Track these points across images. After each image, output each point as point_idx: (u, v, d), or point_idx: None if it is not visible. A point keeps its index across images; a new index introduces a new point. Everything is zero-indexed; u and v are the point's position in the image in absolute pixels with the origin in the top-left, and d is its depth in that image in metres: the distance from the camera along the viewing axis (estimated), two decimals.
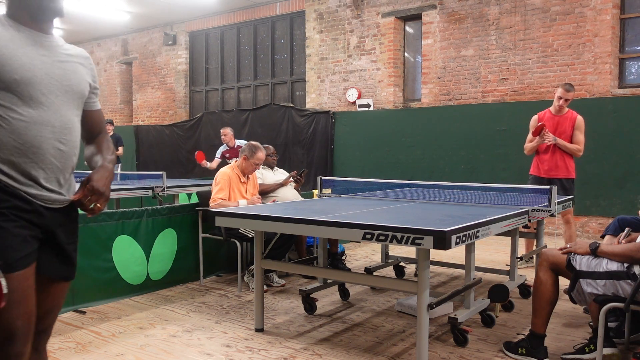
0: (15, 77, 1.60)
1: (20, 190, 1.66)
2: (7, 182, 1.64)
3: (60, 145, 1.73)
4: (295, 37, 10.46)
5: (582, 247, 2.95)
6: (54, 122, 1.69)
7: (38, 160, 1.67)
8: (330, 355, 3.17)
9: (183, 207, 4.94)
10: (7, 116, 1.61)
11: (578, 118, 5.23)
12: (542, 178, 5.29)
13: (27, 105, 1.63)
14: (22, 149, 1.64)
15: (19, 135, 1.63)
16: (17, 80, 1.60)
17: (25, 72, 1.62)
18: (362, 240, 2.89)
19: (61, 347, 3.27)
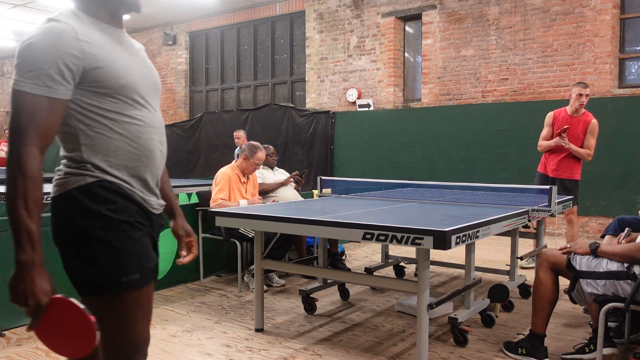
0: (122, 82, 1.52)
1: (137, 195, 1.60)
2: (125, 187, 1.56)
3: (162, 147, 1.70)
4: (295, 37, 10.46)
5: (582, 247, 2.95)
6: (155, 124, 1.65)
7: (149, 163, 1.63)
8: (330, 355, 3.17)
9: (183, 207, 4.93)
10: (121, 121, 1.54)
11: (592, 122, 5.17)
12: (548, 177, 5.29)
13: (135, 108, 1.56)
14: (136, 153, 1.58)
15: (134, 140, 1.57)
16: (123, 86, 1.52)
17: (128, 75, 1.54)
18: (362, 240, 2.89)
19: None
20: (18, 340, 3.36)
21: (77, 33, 1.45)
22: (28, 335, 3.45)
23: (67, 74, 1.42)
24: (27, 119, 1.38)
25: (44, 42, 1.40)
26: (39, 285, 1.37)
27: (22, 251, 1.38)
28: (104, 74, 1.48)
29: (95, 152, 1.52)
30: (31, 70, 1.38)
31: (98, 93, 1.49)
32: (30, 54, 1.39)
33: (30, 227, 1.40)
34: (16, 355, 3.14)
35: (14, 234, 1.39)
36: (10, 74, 16.28)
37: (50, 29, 1.43)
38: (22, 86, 1.38)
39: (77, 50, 1.43)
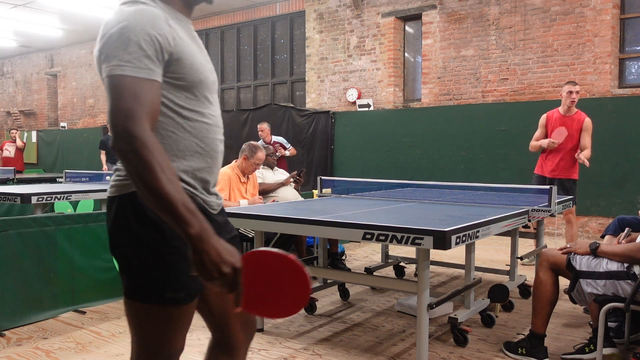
0: (201, 76, 1.44)
1: (199, 198, 1.50)
2: (188, 191, 1.46)
3: (222, 147, 1.59)
4: (295, 37, 10.46)
5: (582, 247, 2.95)
6: (219, 123, 1.56)
7: (213, 164, 1.53)
8: (330, 355, 3.17)
9: None
10: (192, 119, 1.45)
11: (587, 120, 5.24)
12: (545, 177, 5.33)
13: (206, 107, 1.48)
14: (202, 153, 1.49)
15: (202, 139, 1.48)
16: (201, 81, 1.45)
17: (204, 70, 1.46)
18: (362, 240, 2.89)
19: (61, 347, 3.27)
20: (18, 340, 3.37)
21: (167, 18, 1.37)
22: (28, 335, 3.45)
23: (160, 56, 1.34)
24: (133, 101, 1.28)
25: (139, 23, 1.31)
26: (223, 248, 1.25)
27: (188, 225, 1.23)
28: (186, 65, 1.40)
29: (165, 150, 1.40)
30: (130, 52, 1.30)
31: (176, 86, 1.41)
32: (127, 36, 1.30)
33: (184, 198, 1.25)
34: (16, 355, 3.14)
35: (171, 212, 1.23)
36: (11, 74, 16.28)
37: (141, 11, 1.34)
38: (123, 69, 1.29)
39: (169, 36, 1.36)
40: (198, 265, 1.24)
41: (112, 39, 1.32)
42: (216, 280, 1.25)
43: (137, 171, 1.24)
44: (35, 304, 3.72)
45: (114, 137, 1.27)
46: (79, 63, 14.45)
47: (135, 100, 1.28)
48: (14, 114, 16.33)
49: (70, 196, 5.64)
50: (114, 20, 1.35)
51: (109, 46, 1.32)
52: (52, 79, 15.47)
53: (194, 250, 1.24)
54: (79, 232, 4.03)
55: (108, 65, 1.31)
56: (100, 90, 14.00)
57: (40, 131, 15.40)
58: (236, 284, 1.26)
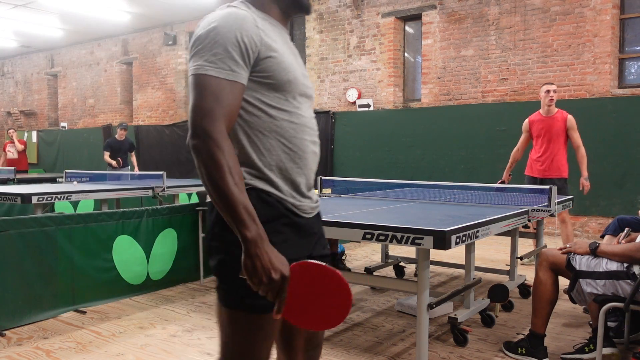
0: (289, 77, 1.46)
1: (287, 202, 1.49)
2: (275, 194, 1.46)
3: (315, 148, 1.59)
4: (295, 37, 10.46)
5: (582, 247, 2.95)
6: (310, 125, 1.56)
7: (303, 165, 1.52)
8: (330, 355, 3.17)
9: (183, 207, 4.94)
10: (279, 118, 1.46)
11: (569, 117, 5.34)
12: (536, 178, 5.43)
13: (294, 107, 1.49)
14: (290, 153, 1.48)
15: (289, 139, 1.48)
16: (290, 81, 1.46)
17: (293, 71, 1.47)
18: (362, 240, 2.89)
19: (61, 346, 3.27)
20: (18, 340, 3.37)
21: (256, 20, 1.42)
22: (28, 335, 3.46)
23: (247, 58, 1.38)
24: (213, 101, 1.33)
25: (226, 26, 1.37)
26: (275, 257, 1.29)
27: (246, 228, 1.28)
28: (275, 64, 1.43)
29: (252, 150, 1.45)
30: (215, 54, 1.35)
31: (264, 84, 1.43)
32: (213, 38, 1.36)
33: (246, 201, 1.30)
34: (16, 355, 3.14)
35: (231, 213, 1.28)
36: (11, 74, 16.30)
37: (231, 14, 1.40)
38: (206, 70, 1.35)
39: (256, 37, 1.39)
40: (248, 268, 1.28)
41: (200, 40, 1.38)
42: (263, 286, 1.28)
43: (206, 169, 1.30)
44: (36, 303, 3.72)
45: (191, 133, 1.33)
46: (79, 63, 14.46)
47: (215, 101, 1.33)
48: (15, 114, 16.34)
49: (70, 196, 5.65)
50: (205, 22, 1.41)
51: (196, 46, 1.38)
52: (52, 79, 15.48)
53: (246, 253, 1.27)
54: (79, 232, 4.03)
55: (194, 65, 1.37)
56: (100, 90, 14.02)
57: (40, 131, 15.41)
58: (282, 292, 1.29)
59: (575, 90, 7.37)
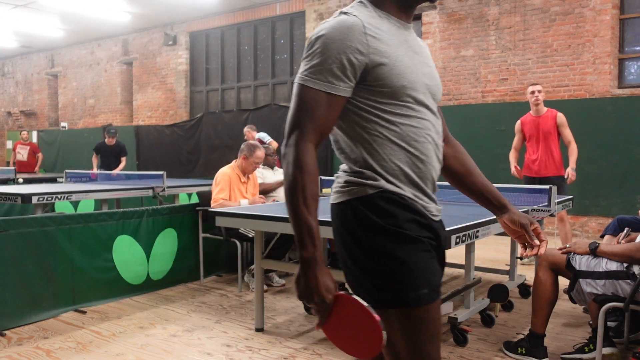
0: (404, 82, 1.41)
1: (418, 204, 1.46)
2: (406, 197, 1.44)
3: (438, 152, 1.53)
4: (296, 38, 10.46)
5: (582, 247, 2.95)
6: (433, 128, 1.50)
7: (426, 169, 1.48)
8: (330, 355, 3.17)
9: (183, 207, 4.94)
10: (397, 123, 1.42)
11: (559, 115, 5.45)
12: (534, 178, 5.48)
13: (413, 110, 1.44)
14: (412, 158, 1.45)
15: (409, 143, 1.44)
16: (405, 86, 1.42)
17: (410, 74, 1.43)
18: None
19: (62, 346, 3.28)
20: (18, 340, 3.37)
21: (365, 27, 1.38)
22: (28, 335, 3.46)
23: (350, 70, 1.36)
24: (306, 113, 1.36)
25: (331, 36, 1.36)
26: (322, 282, 1.33)
27: (304, 248, 1.34)
28: (386, 71, 1.39)
29: (372, 156, 1.43)
30: (315, 64, 1.36)
31: (378, 92, 1.41)
32: (317, 48, 1.37)
33: (311, 222, 1.36)
34: (16, 355, 3.15)
35: (296, 230, 1.36)
36: (11, 74, 16.30)
37: (339, 23, 1.37)
38: (305, 80, 1.37)
39: (362, 46, 1.36)
40: (297, 285, 1.36)
41: (308, 47, 1.40)
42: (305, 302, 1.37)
43: (287, 178, 1.37)
44: (36, 303, 3.73)
45: (284, 139, 1.39)
46: (80, 63, 14.46)
47: (307, 113, 1.37)
48: (15, 114, 16.34)
49: (70, 196, 5.65)
50: (317, 29, 1.41)
51: (305, 52, 1.41)
52: (52, 79, 15.48)
53: (299, 270, 1.35)
54: (79, 232, 4.04)
55: (299, 72, 1.40)
56: (100, 90, 14.02)
57: (40, 131, 15.42)
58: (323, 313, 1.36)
59: (575, 91, 7.37)
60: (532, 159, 5.54)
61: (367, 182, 1.43)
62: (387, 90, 1.40)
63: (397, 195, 1.43)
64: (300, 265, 1.34)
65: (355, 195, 1.44)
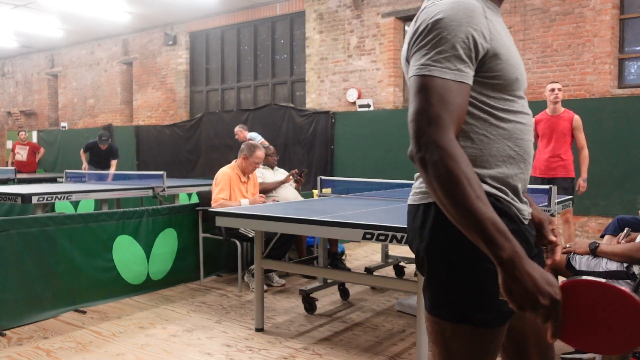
0: (517, 75, 1.30)
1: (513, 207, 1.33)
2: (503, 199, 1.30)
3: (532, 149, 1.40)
4: (295, 38, 10.46)
5: (582, 247, 2.96)
6: (532, 122, 1.38)
7: (525, 169, 1.36)
8: (330, 354, 3.17)
9: (183, 207, 4.95)
10: (506, 119, 1.30)
11: (576, 117, 5.34)
12: (543, 178, 5.39)
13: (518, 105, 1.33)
14: (516, 157, 1.32)
15: (516, 142, 1.32)
16: (517, 79, 1.30)
17: (520, 67, 1.31)
18: (362, 240, 2.90)
19: (62, 346, 3.28)
20: (18, 340, 3.37)
21: (485, 10, 1.24)
22: (29, 335, 3.46)
23: (474, 56, 1.21)
24: (440, 106, 1.15)
25: (455, 18, 1.19)
26: (540, 277, 1.08)
27: (499, 247, 1.08)
28: (502, 62, 1.26)
29: (474, 156, 1.28)
30: (441, 51, 1.18)
31: (490, 85, 1.27)
32: (439, 33, 1.19)
33: (494, 216, 1.10)
34: (17, 355, 3.15)
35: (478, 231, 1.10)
36: (11, 74, 16.29)
37: (459, 4, 1.20)
38: (431, 70, 1.18)
39: (486, 31, 1.22)
40: (509, 292, 1.09)
41: (422, 34, 1.22)
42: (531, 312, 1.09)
43: (441, 184, 1.13)
44: (36, 303, 3.73)
45: (415, 143, 1.17)
46: (80, 63, 14.46)
47: (442, 106, 1.16)
48: (15, 114, 16.34)
49: (70, 196, 5.65)
50: (428, 12, 1.23)
51: (419, 42, 1.22)
52: (52, 79, 15.48)
53: (504, 276, 1.09)
54: (79, 232, 4.04)
55: (415, 64, 1.21)
56: (100, 90, 14.02)
57: (40, 131, 15.41)
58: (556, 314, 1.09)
59: (575, 90, 7.37)
60: (541, 159, 5.45)
61: None
62: (501, 83, 1.27)
63: (494, 197, 1.28)
64: (502, 270, 1.09)
65: None
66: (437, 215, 1.27)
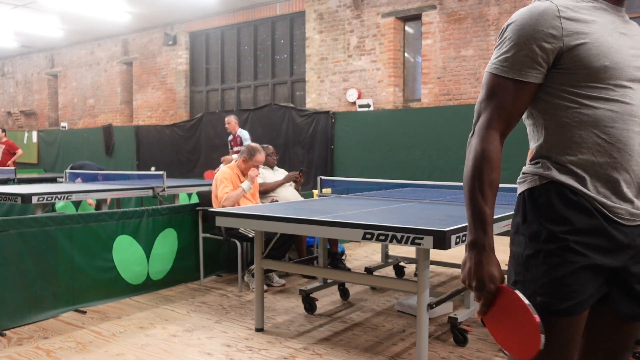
0: (606, 63, 1.32)
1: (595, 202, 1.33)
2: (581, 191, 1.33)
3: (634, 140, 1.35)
4: (295, 37, 10.46)
5: None
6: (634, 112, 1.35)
7: (622, 159, 1.33)
8: (330, 354, 3.17)
9: (183, 207, 4.94)
10: (591, 106, 1.33)
11: None
12: None
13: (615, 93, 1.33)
14: (605, 145, 1.33)
15: (603, 129, 1.33)
16: (606, 67, 1.32)
17: (613, 55, 1.33)
18: (362, 240, 2.89)
19: (62, 346, 3.28)
20: (18, 340, 3.37)
21: (560, 10, 1.34)
22: (28, 335, 3.46)
23: (541, 56, 1.33)
24: (492, 101, 1.37)
25: (521, 23, 1.35)
26: (486, 269, 1.34)
27: (471, 232, 1.36)
28: (584, 51, 1.32)
29: (555, 144, 1.38)
30: (506, 51, 1.37)
31: (573, 75, 1.34)
32: (508, 36, 1.37)
33: (483, 208, 1.35)
34: (16, 355, 3.14)
35: (467, 215, 1.38)
36: (11, 74, 16.29)
37: (531, 10, 1.36)
38: (493, 68, 1.38)
39: (556, 30, 1.33)
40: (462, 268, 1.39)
41: (500, 34, 1.41)
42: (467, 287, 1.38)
43: (468, 167, 1.40)
44: (36, 303, 3.73)
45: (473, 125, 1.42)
46: (80, 63, 14.46)
47: (494, 101, 1.38)
48: (15, 114, 16.34)
49: (70, 196, 5.65)
50: (513, 16, 1.41)
51: (498, 40, 1.42)
52: (52, 79, 15.48)
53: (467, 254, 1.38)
54: (79, 232, 4.04)
55: (491, 60, 1.41)
56: (100, 90, 14.02)
57: (40, 131, 15.42)
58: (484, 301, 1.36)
59: None
60: None
61: (540, 172, 1.40)
62: (585, 72, 1.33)
63: (569, 189, 1.34)
64: (467, 249, 1.37)
65: (526, 187, 1.43)
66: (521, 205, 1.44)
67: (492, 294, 1.33)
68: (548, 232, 1.34)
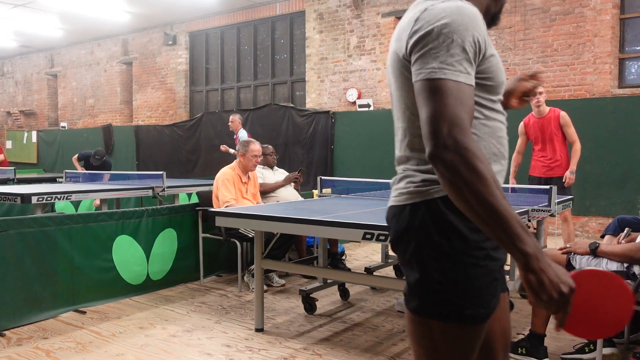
0: (504, 78, 1.38)
1: None
2: None
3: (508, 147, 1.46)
4: (295, 37, 10.46)
5: (582, 247, 2.95)
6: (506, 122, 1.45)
7: (505, 166, 1.42)
8: (330, 355, 3.17)
9: (183, 207, 4.94)
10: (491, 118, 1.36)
11: (562, 114, 5.37)
12: (541, 178, 5.42)
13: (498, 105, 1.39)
14: (498, 155, 1.38)
15: (498, 139, 1.38)
16: (503, 83, 1.38)
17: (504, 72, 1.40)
18: (362, 240, 2.89)
19: (61, 346, 3.27)
20: (18, 340, 3.37)
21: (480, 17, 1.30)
22: (28, 335, 3.46)
23: (477, 59, 1.26)
24: (459, 108, 1.19)
25: (462, 23, 1.23)
26: (558, 269, 1.16)
27: (525, 243, 1.14)
28: (493, 65, 1.32)
29: None
30: (452, 54, 1.21)
31: (482, 86, 1.32)
32: (448, 36, 1.22)
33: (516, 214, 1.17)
34: (16, 355, 3.14)
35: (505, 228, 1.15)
36: (11, 74, 16.29)
37: (462, 9, 1.25)
38: (445, 73, 1.20)
39: (486, 35, 1.29)
40: (534, 285, 1.15)
41: (430, 37, 1.23)
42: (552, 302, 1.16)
43: (469, 185, 1.15)
44: (36, 303, 3.72)
45: (435, 146, 1.18)
46: (79, 63, 14.45)
47: (460, 107, 1.20)
48: (14, 114, 16.34)
49: (70, 196, 5.65)
50: (431, 14, 1.25)
51: (426, 45, 1.24)
52: (52, 79, 15.48)
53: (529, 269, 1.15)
54: (79, 232, 4.03)
55: (426, 68, 1.23)
56: (100, 90, 14.01)
57: (40, 131, 15.41)
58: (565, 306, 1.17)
59: (575, 90, 7.37)
60: (539, 160, 5.48)
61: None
62: (492, 84, 1.33)
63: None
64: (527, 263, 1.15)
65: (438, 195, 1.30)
66: (426, 214, 1.30)
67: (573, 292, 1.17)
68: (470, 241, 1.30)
